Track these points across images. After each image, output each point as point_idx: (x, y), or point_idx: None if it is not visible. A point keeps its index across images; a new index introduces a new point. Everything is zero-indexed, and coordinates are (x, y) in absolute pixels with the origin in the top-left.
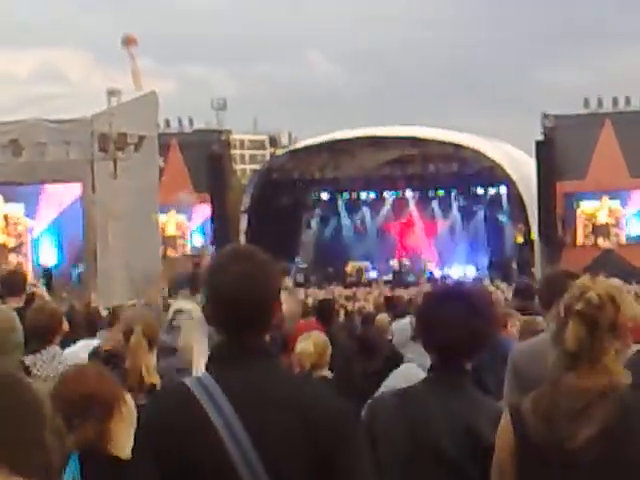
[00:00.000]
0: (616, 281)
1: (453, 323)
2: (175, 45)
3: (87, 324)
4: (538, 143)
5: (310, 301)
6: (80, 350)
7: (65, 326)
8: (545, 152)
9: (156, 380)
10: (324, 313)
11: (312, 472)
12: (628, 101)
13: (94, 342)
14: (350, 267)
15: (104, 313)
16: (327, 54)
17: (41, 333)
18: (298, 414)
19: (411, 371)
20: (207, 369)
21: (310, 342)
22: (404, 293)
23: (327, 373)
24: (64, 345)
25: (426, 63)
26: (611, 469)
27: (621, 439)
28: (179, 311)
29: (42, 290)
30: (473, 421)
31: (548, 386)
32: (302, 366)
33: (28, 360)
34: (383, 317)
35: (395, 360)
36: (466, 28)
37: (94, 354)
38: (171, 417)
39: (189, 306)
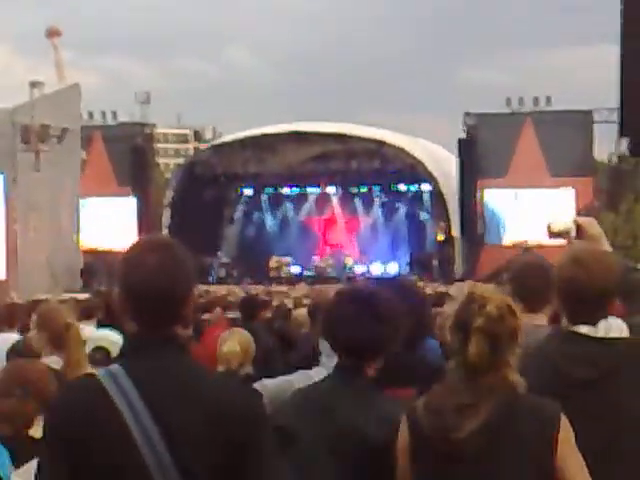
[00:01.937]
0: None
1: (354, 325)
2: (98, 37)
3: (7, 317)
4: (460, 141)
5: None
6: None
7: None
8: (467, 150)
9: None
10: (247, 310)
11: (220, 463)
12: (549, 100)
13: (13, 336)
14: (272, 262)
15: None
16: (250, 49)
17: None
18: (207, 405)
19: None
20: (119, 361)
21: (235, 341)
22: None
23: (250, 370)
24: None
25: (348, 60)
26: (492, 463)
27: (504, 435)
28: (99, 348)
29: None
30: (360, 422)
31: (441, 387)
32: (229, 365)
33: None
34: (301, 312)
35: (316, 355)
36: (390, 26)
37: (12, 349)
38: (80, 412)
39: (114, 338)
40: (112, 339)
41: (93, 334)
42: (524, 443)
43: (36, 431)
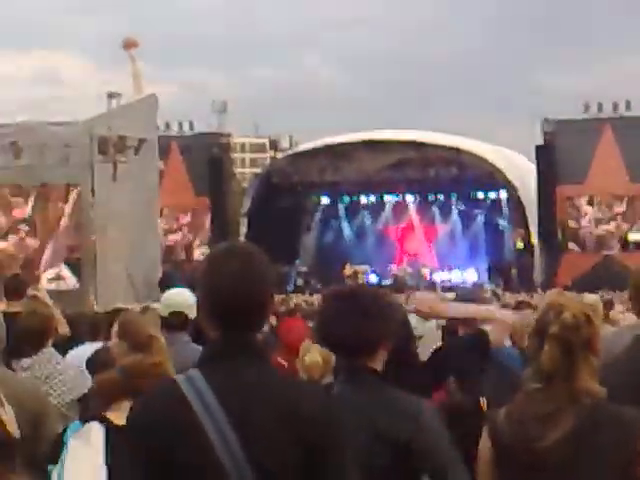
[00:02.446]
0: (591, 297)
1: (338, 323)
2: (175, 48)
3: (90, 328)
4: (538, 148)
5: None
6: (82, 354)
7: (62, 330)
8: (545, 156)
9: None
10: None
11: (299, 472)
12: (628, 105)
13: (96, 346)
14: (349, 270)
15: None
16: (326, 57)
17: (33, 337)
18: (284, 410)
19: None
20: (199, 366)
21: (317, 353)
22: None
23: (331, 379)
24: (67, 349)
25: (425, 66)
26: (575, 472)
27: (586, 444)
28: (176, 313)
29: (44, 294)
30: (378, 418)
31: (522, 395)
32: (311, 376)
33: (26, 363)
34: None
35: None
36: (465, 31)
37: (93, 358)
38: (160, 417)
39: (191, 301)
40: (189, 302)
41: (169, 298)
42: (606, 452)
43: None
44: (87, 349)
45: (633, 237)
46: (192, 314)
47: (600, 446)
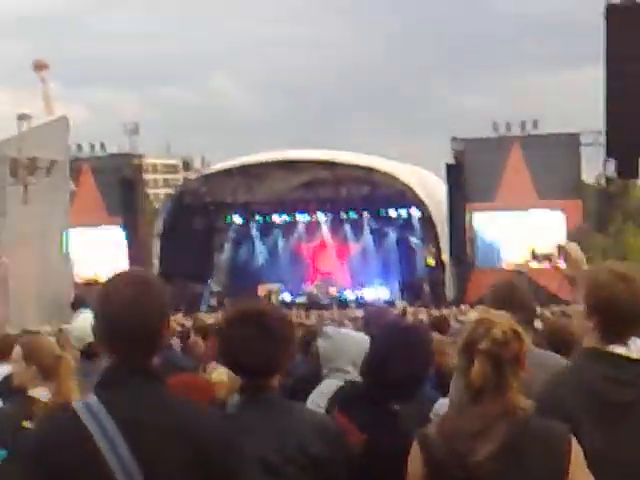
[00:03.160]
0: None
1: (246, 345)
2: (82, 68)
3: (1, 348)
4: (448, 166)
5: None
6: None
7: None
8: (455, 175)
9: None
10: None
11: None
12: (536, 124)
13: (6, 368)
14: (262, 290)
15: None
16: (235, 77)
17: None
18: (182, 434)
19: (330, 388)
20: (96, 393)
21: (223, 371)
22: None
23: (237, 397)
24: None
25: (332, 87)
26: None
27: (516, 460)
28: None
29: None
30: (286, 435)
31: (452, 412)
32: (218, 395)
33: None
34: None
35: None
36: (371, 52)
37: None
38: (55, 438)
39: None
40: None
41: (77, 329)
42: (535, 468)
43: None
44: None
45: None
46: None
47: (529, 461)
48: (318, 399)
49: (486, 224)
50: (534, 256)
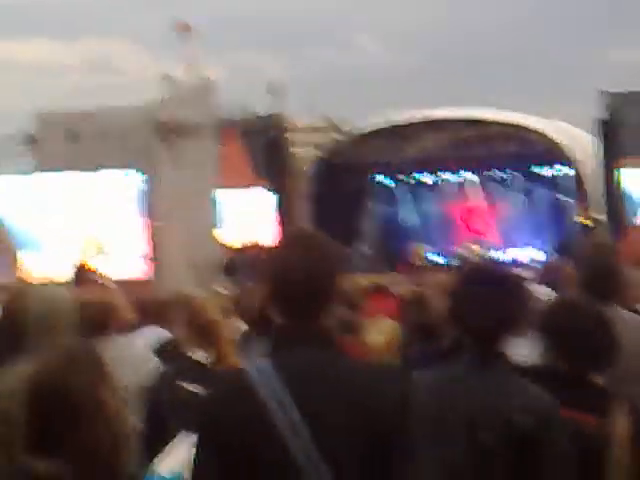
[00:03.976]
0: None
1: (489, 305)
2: (225, 30)
3: (154, 312)
4: (601, 121)
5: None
6: (141, 336)
7: (126, 316)
8: (609, 131)
9: None
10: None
11: (367, 454)
12: None
13: (160, 330)
14: (413, 251)
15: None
16: (382, 37)
17: (92, 324)
18: (354, 397)
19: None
20: (267, 353)
21: (378, 331)
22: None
23: (396, 359)
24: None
25: (476, 44)
26: None
27: None
28: None
29: (108, 280)
30: (505, 408)
31: None
32: (372, 356)
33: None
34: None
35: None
36: (515, 7)
37: (161, 348)
38: (228, 401)
39: None
40: None
41: None
42: None
43: None
44: (151, 334)
45: None
46: None
47: None
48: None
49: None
50: None
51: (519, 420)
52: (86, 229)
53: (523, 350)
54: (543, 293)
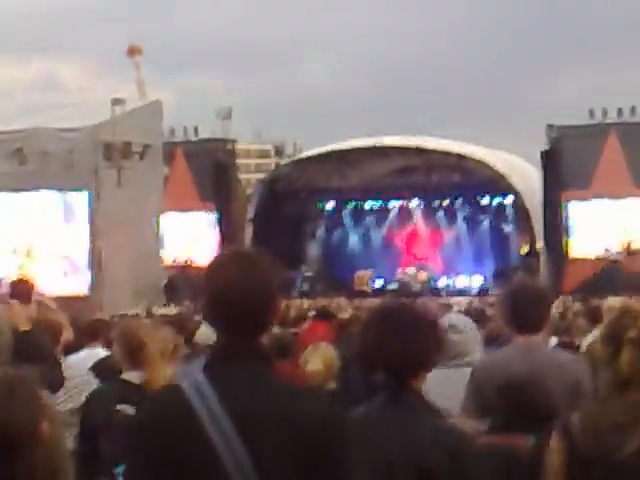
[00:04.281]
0: (616, 300)
1: (396, 340)
2: (175, 54)
3: (91, 331)
4: (543, 153)
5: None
6: (84, 359)
7: (67, 335)
8: (550, 162)
9: None
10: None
11: (300, 475)
12: (633, 111)
13: (98, 350)
14: (355, 275)
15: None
16: (329, 63)
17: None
18: (289, 417)
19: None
20: (204, 372)
21: (319, 360)
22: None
23: (333, 385)
24: (68, 353)
25: (425, 73)
26: None
27: None
28: None
29: (48, 299)
30: (414, 444)
31: (597, 403)
32: (313, 384)
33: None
34: None
35: None
36: (470, 40)
37: (96, 365)
38: (163, 417)
39: None
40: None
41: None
42: None
43: None
44: (86, 354)
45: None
46: None
47: None
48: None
49: (581, 212)
50: (629, 252)
51: (431, 456)
52: (26, 247)
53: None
54: (462, 322)
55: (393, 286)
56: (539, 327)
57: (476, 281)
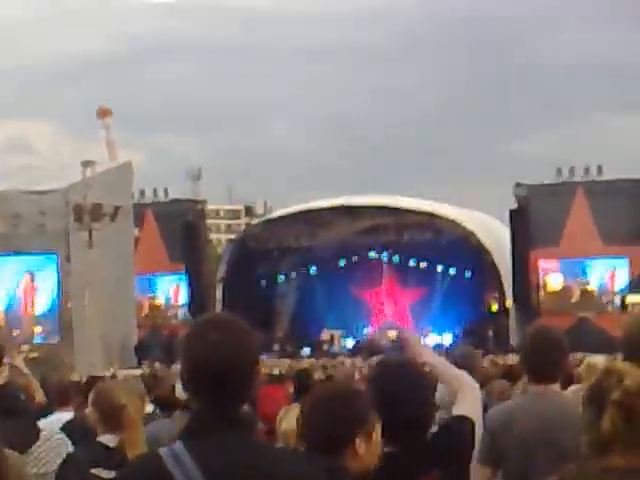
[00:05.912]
0: (599, 358)
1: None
2: (145, 116)
3: (60, 396)
4: (512, 212)
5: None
6: (54, 422)
7: (39, 399)
8: (519, 221)
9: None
10: (302, 382)
11: None
12: (600, 170)
13: (67, 415)
14: (325, 335)
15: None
16: (296, 123)
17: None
18: None
19: None
20: (182, 439)
21: (293, 419)
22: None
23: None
24: (41, 417)
25: (395, 132)
26: None
27: None
28: None
29: (20, 362)
30: None
31: (576, 465)
32: (287, 442)
33: None
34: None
35: None
36: (435, 97)
37: (66, 426)
38: None
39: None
40: None
41: None
42: None
43: None
44: (57, 419)
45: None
46: None
47: None
48: None
49: (550, 270)
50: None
51: None
52: None
53: None
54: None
55: (364, 345)
56: (554, 376)
57: (446, 339)
